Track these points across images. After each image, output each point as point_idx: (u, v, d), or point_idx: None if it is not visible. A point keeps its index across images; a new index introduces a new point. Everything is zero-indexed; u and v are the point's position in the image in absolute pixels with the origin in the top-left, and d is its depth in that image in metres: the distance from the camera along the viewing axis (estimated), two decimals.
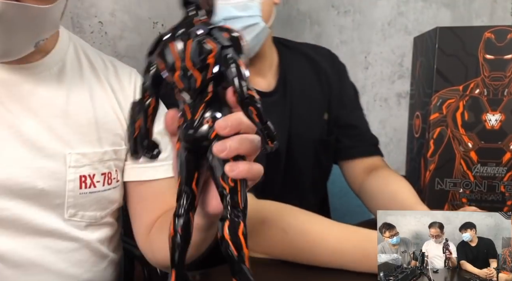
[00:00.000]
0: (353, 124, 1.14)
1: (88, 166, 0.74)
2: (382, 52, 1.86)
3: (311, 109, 1.09)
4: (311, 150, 1.08)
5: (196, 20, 0.46)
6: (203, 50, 0.44)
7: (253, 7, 0.94)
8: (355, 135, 1.13)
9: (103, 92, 0.78)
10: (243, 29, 0.94)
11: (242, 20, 0.93)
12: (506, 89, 0.91)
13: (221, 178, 0.44)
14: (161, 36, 0.46)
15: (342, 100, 1.13)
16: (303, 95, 1.08)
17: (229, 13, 0.93)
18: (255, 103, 0.43)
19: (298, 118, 1.06)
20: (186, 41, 0.44)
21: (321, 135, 1.10)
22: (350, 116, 1.14)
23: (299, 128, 1.06)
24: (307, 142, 1.07)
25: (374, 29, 1.85)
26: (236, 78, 0.43)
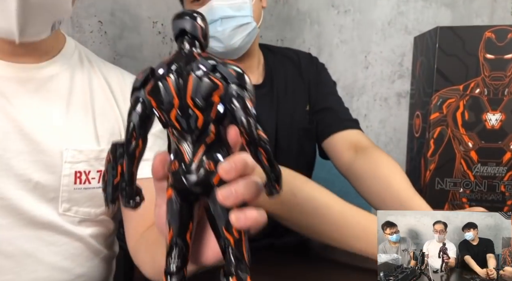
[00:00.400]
0: (329, 106, 1.19)
1: (84, 162, 0.75)
2: (382, 51, 1.86)
3: (294, 101, 1.18)
4: (296, 137, 1.16)
5: (196, 53, 0.42)
6: (207, 87, 0.40)
7: (246, 8, 1.04)
8: (332, 115, 1.17)
9: (103, 94, 0.81)
10: (237, 27, 1.03)
11: (236, 19, 1.03)
12: (506, 88, 0.91)
13: (224, 228, 0.40)
14: (152, 70, 0.42)
15: (318, 90, 1.21)
16: (287, 90, 1.17)
17: (225, 12, 1.02)
18: (265, 144, 0.40)
19: (284, 109, 1.15)
20: (187, 76, 0.40)
21: (304, 124, 1.18)
22: (325, 101, 1.20)
23: (285, 118, 1.15)
24: (292, 130, 1.16)
25: (374, 29, 1.85)
26: (245, 118, 0.39)
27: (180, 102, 0.40)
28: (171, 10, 1.56)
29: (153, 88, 0.41)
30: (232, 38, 1.04)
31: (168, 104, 0.40)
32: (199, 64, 0.40)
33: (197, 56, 0.41)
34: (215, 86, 0.40)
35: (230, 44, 1.04)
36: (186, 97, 0.40)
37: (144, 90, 0.41)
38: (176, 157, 0.42)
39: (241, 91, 0.40)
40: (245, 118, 0.39)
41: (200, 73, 0.40)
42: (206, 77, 0.40)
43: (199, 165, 0.41)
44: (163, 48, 1.58)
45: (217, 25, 1.02)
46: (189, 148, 0.41)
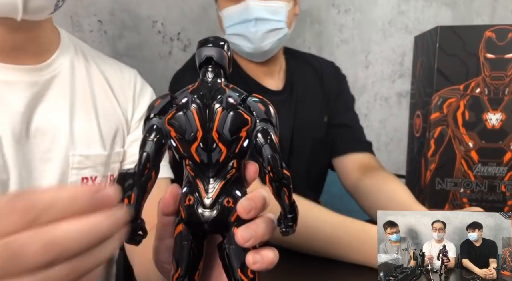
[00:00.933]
0: (347, 124, 1.20)
1: (91, 168, 0.73)
2: (382, 51, 1.86)
3: (313, 110, 1.17)
4: (310, 148, 1.15)
5: (223, 84, 0.40)
6: (237, 121, 0.38)
7: (282, 13, 1.04)
8: (348, 133, 1.19)
9: (103, 93, 0.78)
10: (270, 31, 1.03)
11: (270, 23, 1.02)
12: (507, 88, 0.90)
13: (240, 270, 0.39)
14: (172, 97, 0.40)
15: (338, 103, 1.21)
16: (307, 98, 1.16)
17: (261, 14, 1.01)
18: (289, 184, 0.38)
19: (302, 118, 1.14)
20: (214, 108, 0.38)
21: (320, 135, 1.17)
22: (344, 117, 1.21)
23: (301, 126, 1.13)
24: (308, 140, 1.15)
25: (374, 28, 1.85)
26: (272, 156, 0.37)
27: (204, 135, 0.38)
28: (170, 9, 1.56)
29: (174, 118, 0.38)
30: (263, 41, 1.03)
31: (190, 136, 0.38)
32: (228, 96, 0.39)
33: (225, 88, 0.40)
34: (245, 121, 0.38)
35: (260, 46, 1.04)
36: (212, 130, 0.38)
37: (163, 118, 0.39)
38: (191, 191, 0.40)
39: (269, 126, 0.39)
40: (272, 156, 0.38)
41: (230, 106, 0.38)
42: (236, 111, 0.38)
43: (217, 201, 0.39)
44: (163, 48, 1.58)
45: (250, 25, 1.01)
46: (206, 182, 0.39)
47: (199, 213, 0.39)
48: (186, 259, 0.40)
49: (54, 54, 0.73)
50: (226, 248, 0.39)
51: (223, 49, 0.40)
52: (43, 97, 0.70)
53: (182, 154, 0.40)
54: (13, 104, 0.67)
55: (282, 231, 0.40)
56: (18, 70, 0.68)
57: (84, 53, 0.80)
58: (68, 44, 0.77)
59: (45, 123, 0.70)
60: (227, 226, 0.39)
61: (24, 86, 0.68)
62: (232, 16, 1.03)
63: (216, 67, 0.40)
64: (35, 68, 0.70)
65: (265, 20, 1.02)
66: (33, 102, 0.69)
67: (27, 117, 0.68)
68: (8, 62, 0.67)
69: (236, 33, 1.04)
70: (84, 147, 0.72)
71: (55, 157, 0.70)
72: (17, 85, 0.68)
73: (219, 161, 0.39)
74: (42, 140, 0.69)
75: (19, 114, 0.67)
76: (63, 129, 0.71)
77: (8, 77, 0.67)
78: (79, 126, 0.73)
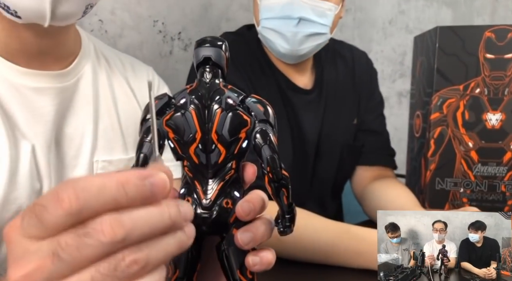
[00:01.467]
0: (376, 130, 1.14)
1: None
2: (383, 50, 1.86)
3: (342, 112, 1.08)
4: (338, 153, 1.08)
5: (222, 85, 0.39)
6: (237, 122, 0.38)
7: (328, 17, 0.93)
8: (376, 141, 1.13)
9: (124, 94, 0.76)
10: (311, 34, 0.92)
11: (314, 25, 0.92)
12: (506, 88, 0.90)
13: (239, 271, 0.39)
14: (170, 98, 0.39)
15: (369, 105, 1.13)
16: (337, 97, 1.07)
17: (307, 14, 0.90)
18: (288, 184, 0.38)
19: (330, 120, 1.06)
20: (213, 109, 0.38)
21: (349, 140, 1.10)
22: (374, 122, 1.14)
23: (329, 130, 1.05)
24: (335, 144, 1.07)
25: (375, 28, 1.84)
26: (271, 157, 0.37)
27: (203, 136, 0.38)
28: (171, 8, 1.56)
29: (172, 119, 0.38)
30: (302, 44, 0.93)
31: (189, 137, 0.38)
32: (227, 97, 0.38)
33: (223, 88, 0.39)
34: (244, 122, 0.38)
35: (296, 49, 0.93)
36: (211, 131, 0.38)
37: (161, 119, 0.39)
38: (189, 193, 0.39)
39: (268, 127, 0.39)
40: (271, 157, 0.37)
41: (229, 107, 0.38)
42: (235, 112, 0.38)
43: (215, 202, 0.39)
44: (164, 47, 1.58)
45: (292, 24, 0.90)
46: (204, 184, 0.39)
47: (198, 215, 0.38)
48: (184, 261, 0.39)
49: (77, 57, 0.71)
50: (225, 249, 0.39)
51: (221, 49, 0.40)
52: (70, 102, 0.69)
53: (180, 156, 0.39)
54: (43, 112, 0.65)
55: (280, 231, 0.40)
56: (46, 76, 0.66)
57: (104, 54, 0.77)
58: (88, 45, 0.75)
59: (72, 130, 0.68)
60: (226, 227, 0.39)
61: (53, 92, 0.66)
62: (273, 8, 0.91)
63: (214, 67, 0.40)
64: (62, 73, 0.68)
65: (310, 21, 0.91)
66: (61, 109, 0.67)
67: (57, 124, 0.67)
68: (35, 67, 0.65)
69: (273, 28, 0.93)
70: (107, 152, 0.71)
71: (80, 163, 0.69)
72: (46, 92, 0.66)
73: (218, 162, 0.38)
74: (69, 147, 0.68)
75: (50, 122, 0.66)
76: (88, 135, 0.70)
77: (37, 84, 0.65)
78: (103, 131, 0.71)
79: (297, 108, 1.00)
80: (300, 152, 1.00)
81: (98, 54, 0.76)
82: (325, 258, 0.76)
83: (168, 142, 0.39)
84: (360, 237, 0.75)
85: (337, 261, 0.76)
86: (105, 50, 0.78)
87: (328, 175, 1.08)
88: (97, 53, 0.76)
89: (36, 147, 0.64)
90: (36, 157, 0.64)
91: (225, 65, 0.40)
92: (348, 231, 0.77)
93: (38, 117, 0.65)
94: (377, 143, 1.13)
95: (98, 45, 0.78)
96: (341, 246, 0.75)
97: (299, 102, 1.01)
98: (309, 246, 0.76)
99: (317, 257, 0.76)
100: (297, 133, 0.99)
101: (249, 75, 0.95)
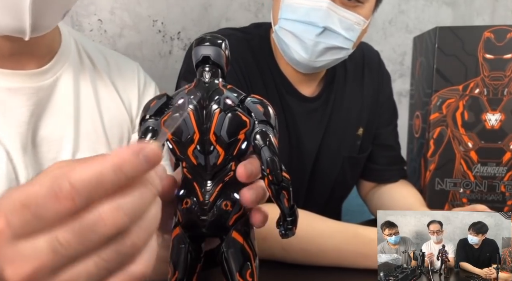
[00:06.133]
0: (391, 144, 1.07)
1: None
2: (382, 50, 1.85)
3: (347, 122, 1.00)
4: (338, 166, 1.01)
5: (221, 85, 0.39)
6: (235, 123, 0.38)
7: (355, 31, 0.84)
8: (390, 157, 1.06)
9: (107, 93, 0.74)
10: (333, 48, 0.84)
11: (338, 39, 0.83)
12: (506, 88, 0.91)
13: (238, 273, 0.38)
14: (169, 97, 0.39)
15: (383, 116, 1.06)
16: (343, 106, 0.99)
17: (333, 24, 0.81)
18: (289, 186, 0.38)
19: (333, 131, 0.99)
20: (211, 110, 0.37)
21: (352, 152, 1.02)
22: (390, 135, 1.07)
23: (331, 141, 0.98)
24: (336, 157, 1.00)
25: (374, 28, 1.84)
26: (271, 159, 0.37)
27: (201, 137, 0.37)
28: (171, 8, 1.56)
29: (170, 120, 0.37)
30: (320, 56, 0.84)
31: (187, 138, 0.37)
32: (225, 97, 0.38)
33: (222, 88, 0.38)
34: (243, 123, 0.37)
35: (313, 60, 0.85)
36: (210, 132, 0.37)
37: (159, 119, 0.38)
38: (188, 194, 0.39)
39: (268, 128, 0.38)
40: (271, 158, 0.37)
41: (227, 107, 0.37)
42: (234, 113, 0.37)
43: (214, 204, 0.38)
44: (163, 47, 1.57)
45: (315, 33, 0.81)
46: (203, 185, 0.39)
47: (197, 218, 0.38)
48: (183, 262, 0.39)
49: (56, 55, 0.68)
50: (224, 252, 0.39)
51: (220, 47, 0.39)
52: (47, 103, 0.66)
53: (179, 156, 0.39)
54: (17, 113, 0.63)
55: (282, 233, 0.40)
56: (20, 75, 0.63)
57: (86, 51, 0.74)
58: (69, 42, 0.72)
59: (51, 131, 0.66)
60: (225, 229, 0.39)
61: (28, 92, 0.63)
62: (297, 10, 0.81)
63: (214, 66, 0.39)
64: (38, 72, 0.65)
65: (335, 33, 0.82)
66: (37, 109, 0.65)
67: (33, 125, 0.64)
68: (7, 67, 0.62)
69: (292, 31, 0.83)
70: (91, 152, 0.69)
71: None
72: (20, 92, 0.63)
73: (216, 164, 0.38)
74: (48, 149, 0.65)
75: (25, 123, 0.63)
76: (69, 135, 0.67)
77: (10, 84, 0.62)
78: (84, 132, 0.69)
79: (297, 116, 0.94)
80: (296, 162, 0.95)
81: (80, 51, 0.73)
82: (332, 262, 0.74)
83: (167, 143, 0.39)
84: (368, 239, 0.73)
85: (344, 264, 0.74)
86: (88, 47, 0.75)
87: (326, 187, 1.02)
88: (79, 50, 0.73)
89: (10, 152, 0.61)
90: (12, 161, 0.61)
91: (224, 64, 0.39)
92: (355, 234, 0.75)
93: (10, 119, 0.62)
94: (391, 158, 1.06)
95: (80, 41, 0.75)
96: (349, 249, 0.73)
97: (300, 110, 0.94)
98: (315, 252, 0.74)
99: (324, 261, 0.74)
100: (295, 142, 0.94)
101: (243, 73, 0.89)
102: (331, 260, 0.74)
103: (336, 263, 0.74)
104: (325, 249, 0.73)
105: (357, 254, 0.73)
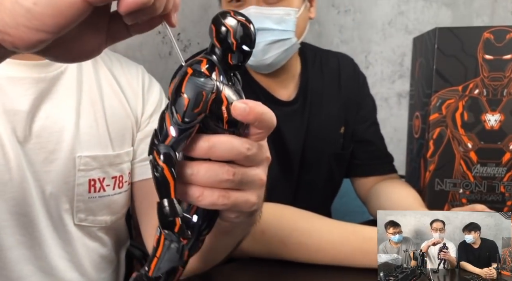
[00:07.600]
0: (370, 139, 1.12)
1: (98, 169, 0.70)
2: (382, 51, 1.86)
3: (328, 122, 1.06)
4: (325, 163, 1.06)
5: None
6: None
7: (289, 22, 0.91)
8: (371, 151, 1.11)
9: (111, 89, 0.75)
10: (273, 42, 0.91)
11: (274, 33, 0.90)
12: (505, 89, 0.91)
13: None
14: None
15: (360, 114, 1.11)
16: (322, 108, 1.05)
17: (263, 24, 0.89)
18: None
19: (315, 130, 1.04)
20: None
21: (336, 149, 1.08)
22: (367, 131, 1.12)
23: (314, 140, 1.04)
24: (322, 155, 1.05)
25: (374, 29, 1.85)
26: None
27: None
28: None
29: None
30: (266, 53, 0.92)
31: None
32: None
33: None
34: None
35: (262, 59, 0.92)
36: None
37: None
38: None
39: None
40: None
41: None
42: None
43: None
44: (163, 48, 1.58)
45: None
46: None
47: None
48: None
49: None
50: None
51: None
52: (49, 94, 0.67)
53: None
54: (16, 102, 0.64)
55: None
56: (24, 65, 0.64)
57: None
58: None
59: (51, 123, 0.66)
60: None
61: (30, 82, 0.64)
62: None
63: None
64: (42, 63, 0.66)
65: (268, 30, 0.90)
66: (38, 100, 0.65)
67: (32, 115, 0.65)
68: (13, 57, 0.64)
69: None
70: (91, 148, 0.69)
71: (60, 158, 0.67)
72: (22, 81, 0.64)
73: None
74: (47, 140, 0.66)
75: (23, 112, 0.64)
76: (69, 129, 0.68)
77: (12, 73, 0.63)
78: (86, 126, 0.70)
79: (277, 120, 0.98)
80: (284, 163, 0.99)
81: None
82: (331, 259, 0.75)
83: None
84: (367, 236, 0.74)
85: (343, 262, 0.75)
86: None
87: (315, 185, 1.06)
88: None
89: (4, 139, 0.62)
90: (4, 148, 0.62)
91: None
92: (354, 231, 0.76)
93: (8, 107, 0.63)
94: (372, 153, 1.11)
95: None
96: (348, 246, 0.75)
97: (279, 114, 0.97)
98: (314, 250, 0.75)
99: (323, 259, 0.75)
100: (279, 145, 0.98)
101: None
102: (330, 257, 0.75)
103: (335, 260, 0.75)
104: (323, 245, 0.75)
105: (355, 251, 0.74)
